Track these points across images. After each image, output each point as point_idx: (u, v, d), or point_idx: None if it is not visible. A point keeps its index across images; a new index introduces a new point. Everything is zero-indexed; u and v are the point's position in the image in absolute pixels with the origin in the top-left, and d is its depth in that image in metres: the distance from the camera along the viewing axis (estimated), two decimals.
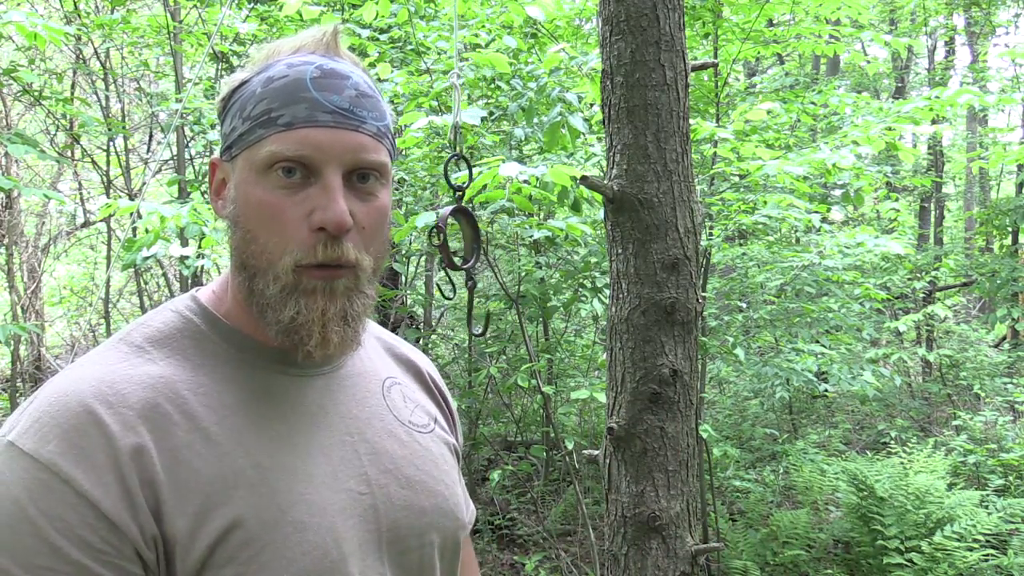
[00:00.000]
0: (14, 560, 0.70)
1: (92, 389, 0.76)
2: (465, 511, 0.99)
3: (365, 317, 0.85)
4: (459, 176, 2.01)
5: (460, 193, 1.19)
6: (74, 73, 5.91)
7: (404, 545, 0.87)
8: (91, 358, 0.81)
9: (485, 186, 2.67)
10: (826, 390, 4.85)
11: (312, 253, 0.78)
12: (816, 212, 4.31)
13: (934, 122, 4.18)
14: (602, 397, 3.48)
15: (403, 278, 5.71)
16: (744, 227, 4.63)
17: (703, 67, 2.21)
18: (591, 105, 3.88)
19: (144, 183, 6.02)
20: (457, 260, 1.16)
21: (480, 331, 1.63)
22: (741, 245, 5.97)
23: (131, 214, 3.14)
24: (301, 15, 3.70)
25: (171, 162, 5.96)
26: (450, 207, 1.18)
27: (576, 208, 3.08)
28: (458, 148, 1.55)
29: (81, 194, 6.71)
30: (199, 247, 3.23)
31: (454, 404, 1.08)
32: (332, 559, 0.80)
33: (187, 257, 3.29)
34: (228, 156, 0.84)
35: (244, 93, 0.83)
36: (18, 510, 0.71)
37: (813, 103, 4.85)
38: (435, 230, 1.16)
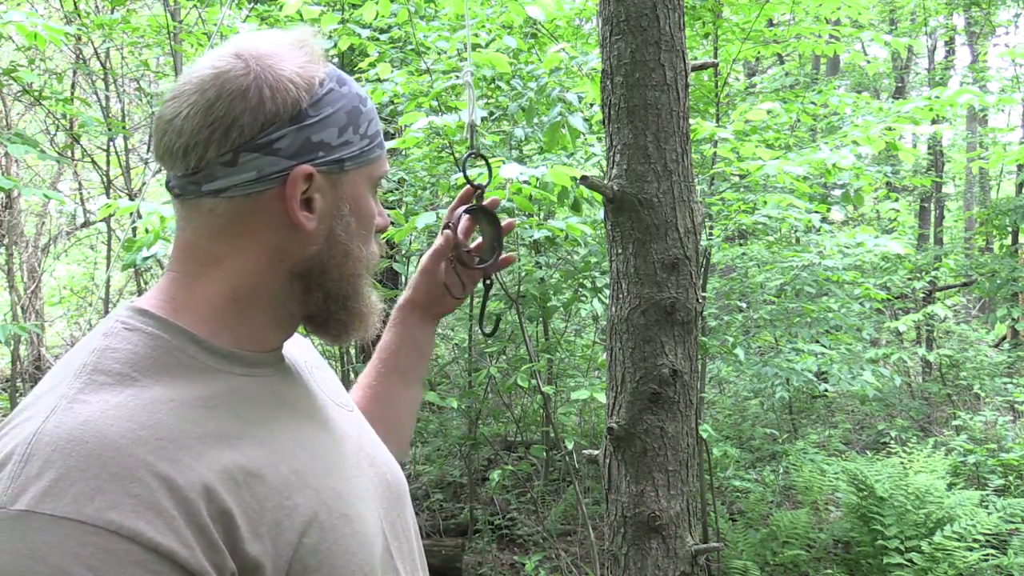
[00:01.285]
0: None
1: (118, 428, 0.65)
2: None
3: None
4: (482, 174, 2.00)
5: (480, 191, 1.16)
6: (74, 73, 5.91)
7: (392, 518, 0.89)
8: (71, 396, 0.68)
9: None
10: (826, 390, 4.85)
11: (379, 251, 0.90)
12: (816, 212, 4.31)
13: (934, 122, 4.18)
14: (602, 397, 3.48)
15: (403, 278, 5.71)
16: (744, 227, 4.63)
17: (703, 67, 2.21)
18: (591, 105, 3.88)
19: (144, 183, 6.02)
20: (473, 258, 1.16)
21: (490, 330, 1.62)
22: (741, 245, 5.97)
23: (131, 214, 3.14)
24: (301, 15, 3.70)
25: None
26: (464, 207, 1.14)
27: (576, 208, 3.08)
28: (475, 146, 1.52)
29: (81, 194, 6.71)
30: None
31: None
32: (371, 544, 0.81)
33: None
34: (331, 169, 0.79)
35: (340, 104, 0.79)
36: None
37: (813, 103, 4.85)
38: (446, 229, 1.13)
